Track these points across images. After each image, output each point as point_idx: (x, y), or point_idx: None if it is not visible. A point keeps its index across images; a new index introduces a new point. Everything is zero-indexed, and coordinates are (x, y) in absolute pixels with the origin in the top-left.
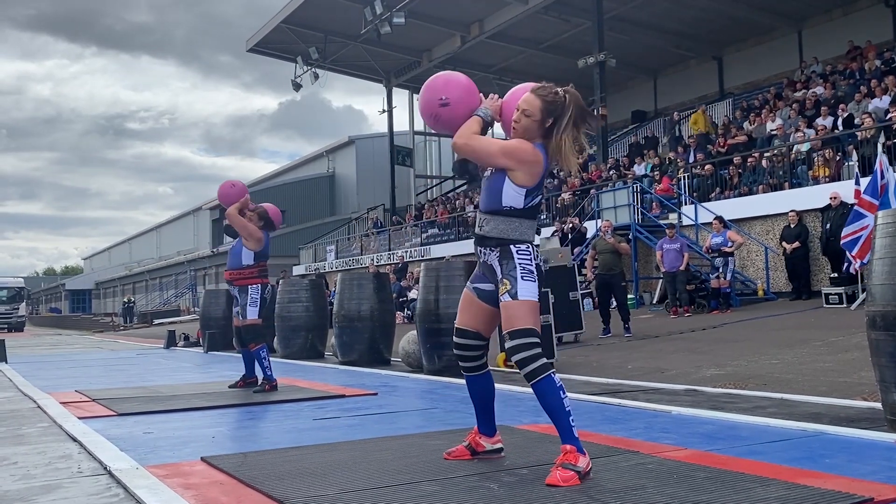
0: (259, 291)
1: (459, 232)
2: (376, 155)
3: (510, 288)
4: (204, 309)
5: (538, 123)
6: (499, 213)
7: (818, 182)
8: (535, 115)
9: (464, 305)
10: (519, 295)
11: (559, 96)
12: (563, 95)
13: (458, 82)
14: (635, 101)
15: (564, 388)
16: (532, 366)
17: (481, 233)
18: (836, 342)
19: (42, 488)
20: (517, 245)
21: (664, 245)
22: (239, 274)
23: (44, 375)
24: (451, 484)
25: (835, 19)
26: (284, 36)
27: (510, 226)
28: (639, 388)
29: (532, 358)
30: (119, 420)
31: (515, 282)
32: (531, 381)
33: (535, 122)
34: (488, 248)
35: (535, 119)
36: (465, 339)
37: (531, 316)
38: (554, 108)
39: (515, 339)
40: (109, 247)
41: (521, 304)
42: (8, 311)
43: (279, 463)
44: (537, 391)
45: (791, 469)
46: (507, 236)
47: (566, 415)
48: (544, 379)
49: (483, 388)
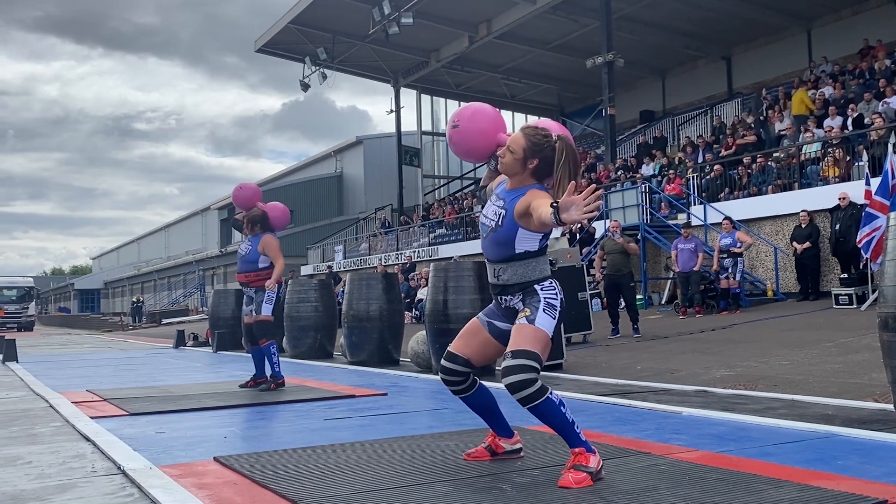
0: (275, 290)
1: (467, 232)
2: (384, 155)
3: (529, 315)
4: (213, 309)
5: (520, 162)
6: (514, 258)
7: (828, 182)
8: (517, 154)
9: (466, 333)
10: (536, 322)
11: (547, 140)
12: (553, 141)
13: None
14: (644, 100)
15: (564, 401)
16: (528, 391)
17: (500, 282)
18: (847, 343)
19: (57, 487)
20: (541, 283)
21: (679, 245)
22: (256, 276)
23: (55, 375)
24: (463, 485)
25: (844, 19)
26: (293, 36)
27: (529, 268)
28: (649, 388)
29: (528, 382)
30: (131, 420)
31: (536, 311)
32: (528, 405)
33: (516, 160)
34: (510, 294)
35: (518, 157)
36: (453, 364)
37: (539, 343)
38: (538, 150)
39: (517, 358)
40: (118, 246)
41: (535, 331)
42: (18, 310)
43: (291, 463)
44: (537, 413)
45: (803, 471)
46: (529, 279)
47: (570, 425)
48: (543, 402)
49: (480, 401)
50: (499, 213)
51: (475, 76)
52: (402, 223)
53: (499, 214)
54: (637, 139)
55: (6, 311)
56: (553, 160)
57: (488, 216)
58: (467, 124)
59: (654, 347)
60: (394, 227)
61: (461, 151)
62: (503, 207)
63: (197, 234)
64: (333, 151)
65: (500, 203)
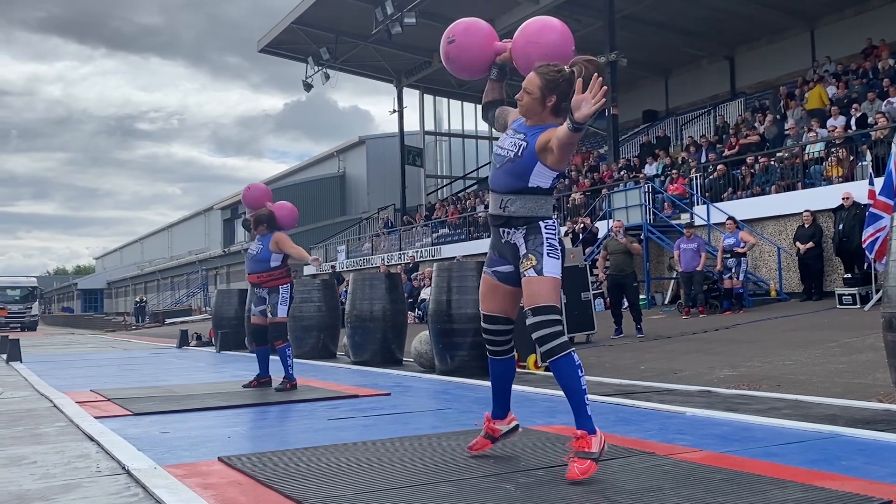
0: (289, 290)
1: (470, 232)
2: (387, 155)
3: (535, 264)
4: (216, 308)
5: (538, 101)
6: (525, 191)
7: (831, 182)
8: (534, 94)
9: (486, 291)
10: (544, 271)
11: (561, 73)
12: (567, 73)
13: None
14: (646, 100)
15: (583, 367)
16: (552, 343)
17: (507, 213)
18: (850, 343)
19: (62, 487)
20: (545, 220)
21: (681, 245)
22: (269, 276)
23: (58, 375)
24: (467, 485)
25: (848, 18)
26: (295, 36)
27: (537, 203)
28: (652, 388)
29: (553, 335)
30: (135, 419)
31: (541, 258)
32: (549, 358)
33: (534, 99)
34: (514, 227)
35: (536, 97)
36: (494, 325)
37: (554, 293)
38: (554, 85)
39: (538, 315)
40: (121, 246)
41: (546, 281)
42: (21, 310)
43: (296, 463)
44: (555, 369)
45: (807, 471)
46: (535, 214)
47: (582, 393)
48: (563, 357)
49: (505, 370)
50: (519, 144)
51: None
52: (404, 223)
53: (518, 146)
54: (640, 139)
55: (10, 311)
56: (569, 93)
57: (505, 147)
58: (463, 38)
59: (658, 347)
60: (396, 227)
61: (460, 67)
62: (524, 140)
63: (200, 234)
64: (336, 151)
65: (521, 136)
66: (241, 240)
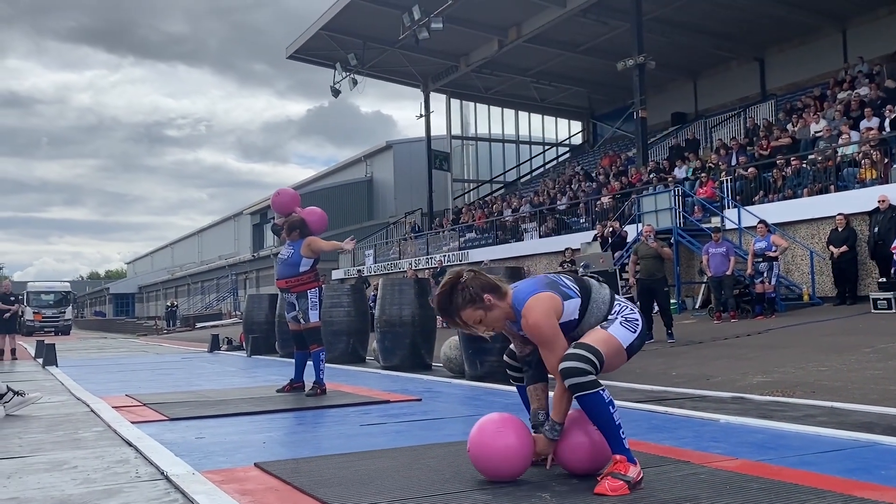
0: (317, 294)
1: (497, 236)
2: (414, 159)
3: (605, 324)
4: (247, 313)
5: (493, 309)
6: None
7: (865, 185)
8: (493, 312)
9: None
10: (609, 329)
11: (465, 282)
12: (462, 277)
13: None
14: (675, 103)
15: (614, 402)
16: (578, 379)
17: None
18: (886, 349)
19: (103, 492)
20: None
21: (710, 249)
22: (297, 281)
23: (94, 379)
24: (502, 493)
25: (881, 18)
26: (324, 42)
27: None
28: (685, 395)
29: (581, 371)
30: (171, 424)
31: (613, 322)
32: (577, 393)
33: (497, 314)
34: None
35: (493, 311)
36: (516, 361)
37: (607, 346)
38: (480, 289)
39: (577, 349)
40: (152, 251)
41: (607, 334)
42: (55, 314)
43: (330, 469)
44: (583, 404)
45: (845, 480)
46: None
47: (616, 427)
48: (592, 394)
49: None
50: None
51: (505, 80)
52: (432, 228)
53: (527, 341)
54: (669, 142)
55: (44, 316)
56: (475, 280)
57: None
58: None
59: (689, 353)
60: (424, 232)
61: None
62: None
63: (230, 239)
64: (364, 156)
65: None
66: (271, 244)
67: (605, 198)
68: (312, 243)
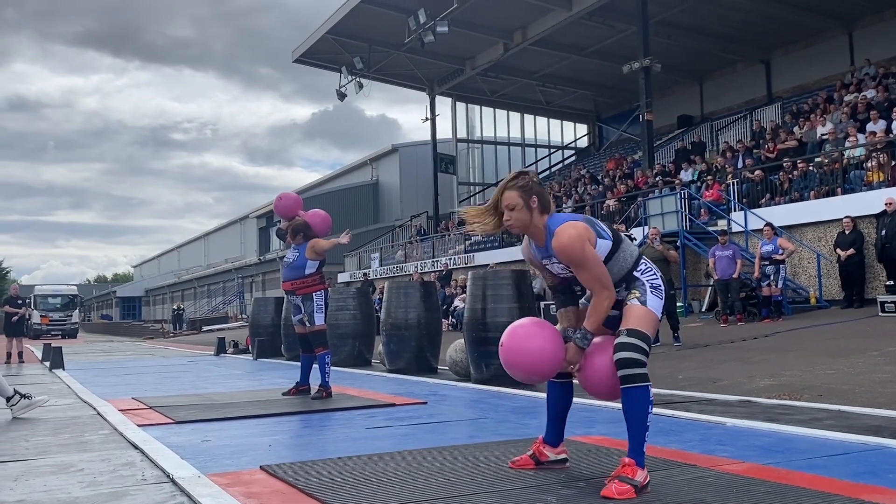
0: (323, 297)
1: (503, 240)
2: (419, 163)
3: (640, 295)
4: (253, 316)
5: (525, 209)
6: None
7: (872, 187)
8: (518, 205)
9: None
10: (648, 303)
11: (524, 177)
12: (528, 175)
13: None
14: (681, 105)
15: (654, 403)
16: (633, 370)
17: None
18: (894, 352)
19: (110, 495)
20: (637, 268)
21: (716, 252)
22: (302, 283)
23: (100, 382)
24: (508, 496)
25: (887, 20)
26: (329, 46)
27: (617, 264)
28: (691, 398)
29: (637, 362)
30: (177, 427)
31: (645, 292)
32: (626, 384)
33: (520, 209)
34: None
35: (521, 207)
36: None
37: (651, 325)
38: (528, 188)
39: (632, 337)
40: (158, 255)
41: (647, 312)
42: (62, 317)
43: (336, 472)
44: (626, 397)
45: (853, 484)
46: (624, 273)
47: (644, 430)
48: (640, 388)
49: (562, 397)
50: (564, 268)
51: (510, 83)
52: (439, 231)
53: (565, 269)
54: (675, 144)
55: (51, 319)
56: (540, 188)
57: (560, 273)
58: None
59: (696, 356)
60: (429, 235)
61: None
62: (559, 263)
63: (236, 243)
64: (369, 159)
65: (555, 261)
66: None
67: (611, 201)
68: (316, 245)
